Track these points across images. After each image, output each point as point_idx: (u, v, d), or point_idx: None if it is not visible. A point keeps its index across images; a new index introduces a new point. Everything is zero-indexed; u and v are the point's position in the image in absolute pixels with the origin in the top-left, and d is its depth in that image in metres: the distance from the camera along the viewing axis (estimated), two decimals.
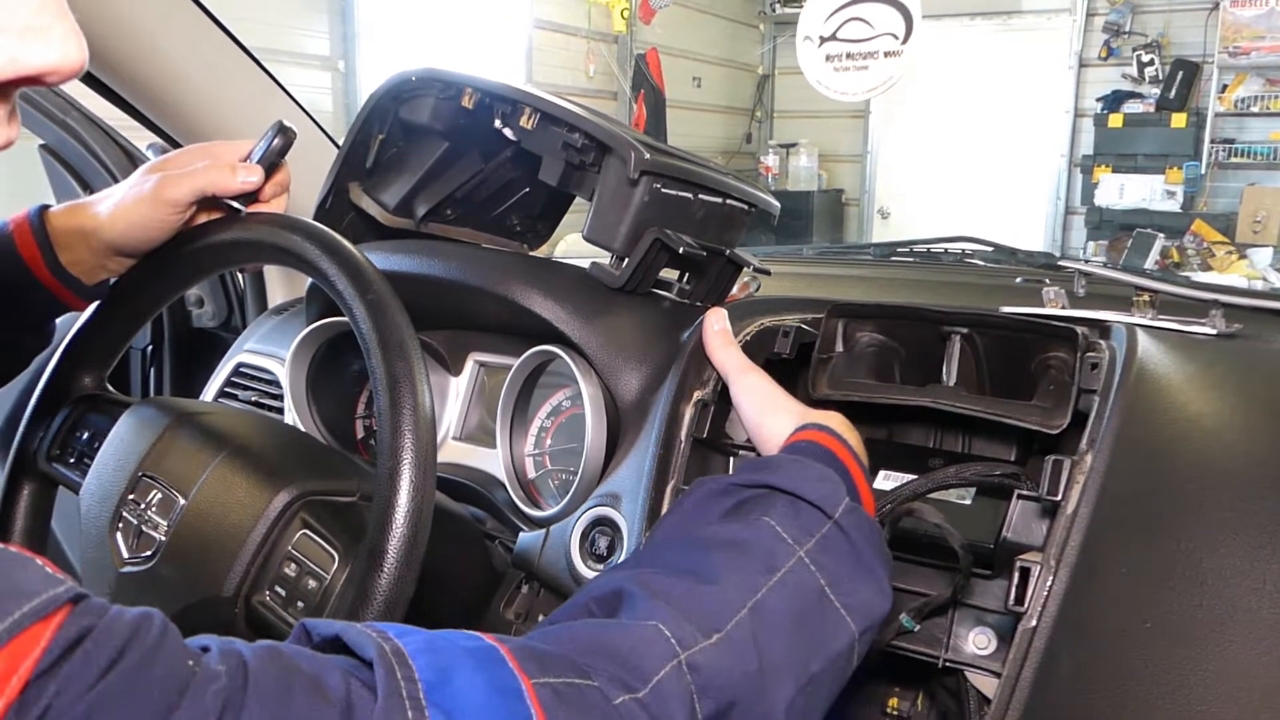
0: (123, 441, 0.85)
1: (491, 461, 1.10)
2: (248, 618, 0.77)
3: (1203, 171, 7.50)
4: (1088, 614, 0.76)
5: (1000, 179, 8.15)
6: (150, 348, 1.62)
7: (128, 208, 0.85)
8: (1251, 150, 7.40)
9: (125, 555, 0.80)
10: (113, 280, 0.89)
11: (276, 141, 0.86)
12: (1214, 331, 1.05)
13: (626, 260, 1.06)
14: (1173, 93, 7.52)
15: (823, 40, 1.85)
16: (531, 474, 1.10)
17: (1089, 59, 7.99)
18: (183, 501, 0.79)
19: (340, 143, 1.22)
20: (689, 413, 0.95)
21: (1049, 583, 0.77)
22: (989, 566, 0.85)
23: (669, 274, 1.15)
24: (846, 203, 9.08)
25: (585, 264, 1.11)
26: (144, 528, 0.80)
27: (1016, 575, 0.78)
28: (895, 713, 0.97)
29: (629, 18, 7.44)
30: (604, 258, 1.09)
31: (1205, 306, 1.08)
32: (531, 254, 1.38)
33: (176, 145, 1.47)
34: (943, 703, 0.93)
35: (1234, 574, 0.75)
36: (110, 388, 0.92)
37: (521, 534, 1.00)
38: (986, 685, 0.83)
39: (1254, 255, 6.89)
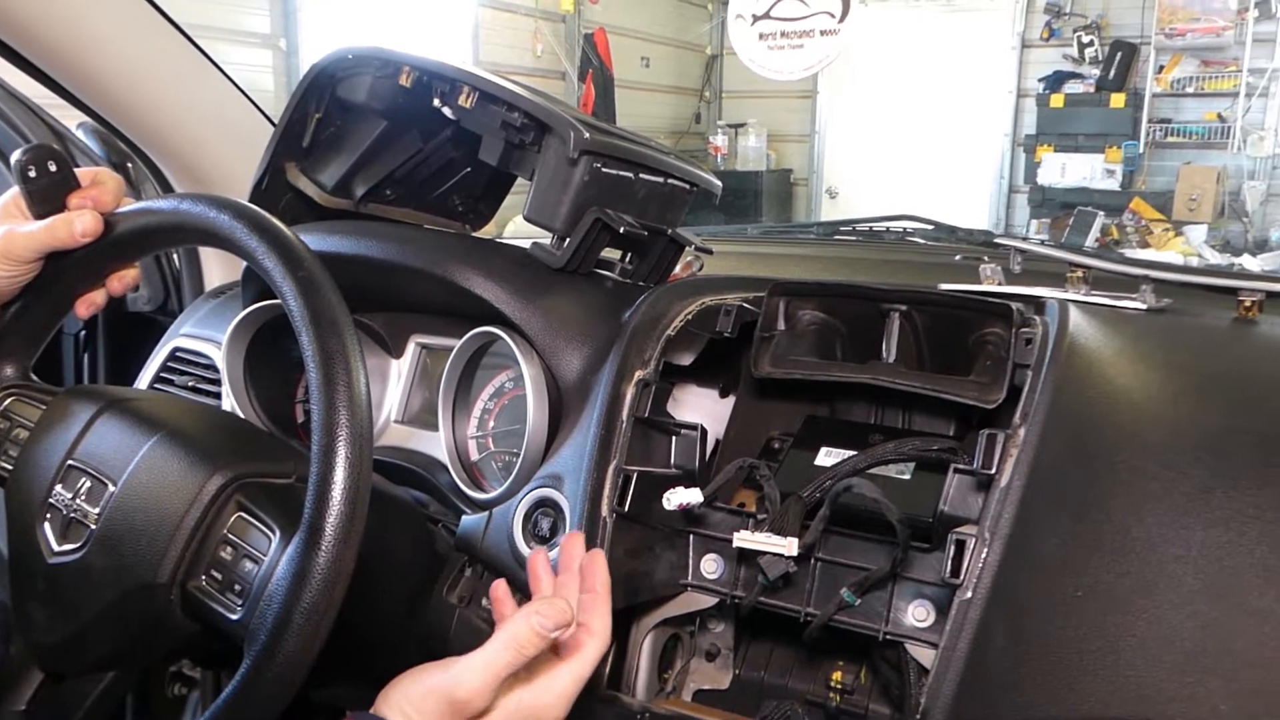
0: (49, 430, 0.83)
1: (434, 444, 1.09)
2: (183, 603, 0.76)
3: (1141, 151, 7.66)
4: (1021, 584, 0.78)
5: (946, 158, 8.24)
6: (83, 333, 1.58)
7: None
8: (1187, 130, 7.57)
9: (55, 546, 0.78)
10: None
11: (53, 169, 0.83)
12: (1144, 306, 1.08)
13: (568, 240, 1.05)
14: (1112, 73, 7.66)
15: (755, 18, 1.85)
16: (474, 456, 1.09)
17: (1031, 40, 8.11)
18: (113, 489, 0.77)
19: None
20: (631, 392, 0.95)
21: (984, 555, 0.79)
22: (928, 540, 0.86)
23: (611, 254, 1.15)
24: (795, 182, 9.13)
25: (528, 244, 1.10)
26: (73, 517, 0.78)
27: (952, 548, 0.80)
28: (839, 686, 0.99)
29: None
30: (547, 238, 1.08)
31: (1136, 282, 1.11)
32: (474, 234, 1.37)
33: (107, 125, 1.44)
34: (884, 675, 0.95)
35: (1160, 541, 0.77)
36: (35, 377, 0.90)
37: (464, 517, 0.99)
38: (925, 656, 0.84)
39: (1190, 232, 7.07)
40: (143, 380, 1.32)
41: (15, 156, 0.83)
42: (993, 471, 0.81)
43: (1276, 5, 7.13)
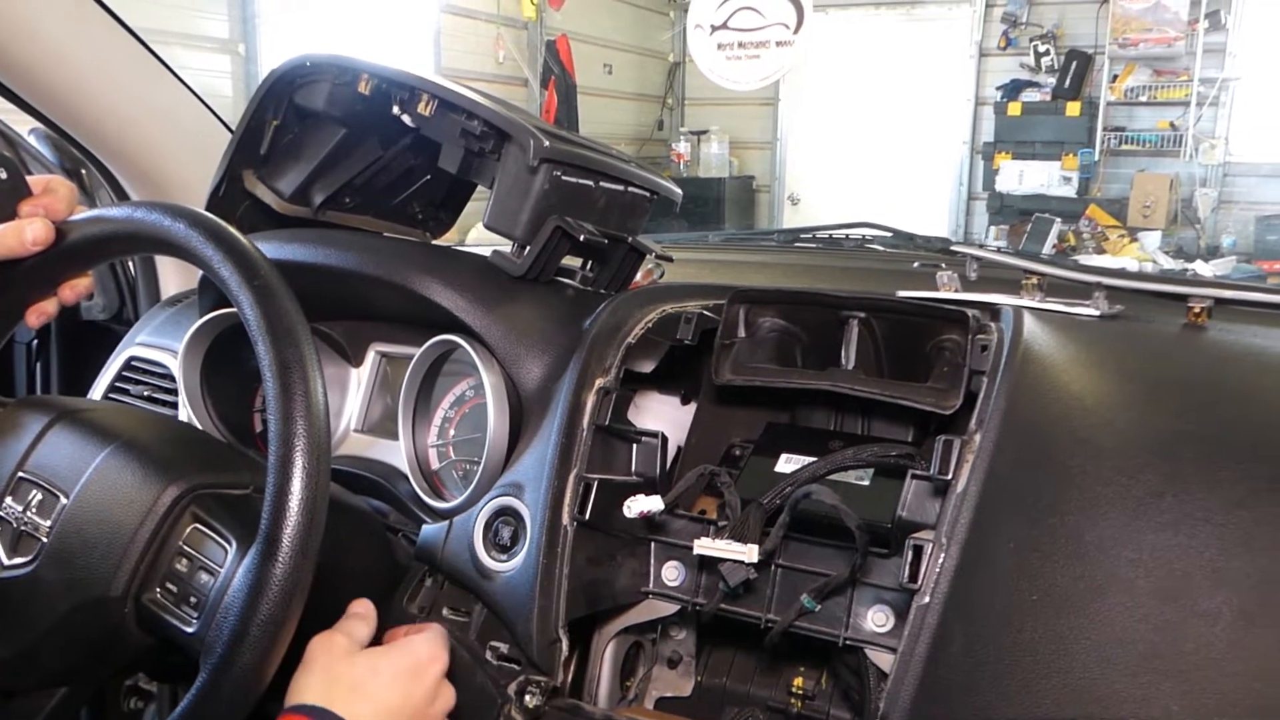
0: None
1: (394, 453, 1.08)
2: (138, 617, 0.75)
3: (1096, 158, 7.79)
4: (977, 589, 0.79)
5: (906, 165, 8.34)
6: (35, 342, 1.55)
7: None
8: (1141, 138, 7.72)
9: (4, 560, 0.77)
10: None
11: (3, 175, 0.82)
12: (1097, 313, 1.09)
13: (528, 248, 1.05)
14: (1067, 82, 7.78)
15: (714, 29, 1.87)
16: (435, 465, 1.08)
17: (989, 49, 8.22)
18: (65, 501, 0.76)
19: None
20: (591, 400, 0.95)
21: (941, 560, 0.79)
22: (887, 545, 0.87)
23: (572, 261, 1.15)
24: (757, 189, 9.18)
25: (489, 252, 1.10)
26: (24, 530, 0.77)
27: (910, 553, 0.80)
28: (800, 692, 1.00)
29: (538, 4, 7.37)
30: (507, 246, 1.08)
31: (1089, 288, 1.12)
32: (434, 242, 1.36)
33: (59, 131, 1.41)
34: (845, 680, 0.95)
35: (1113, 545, 0.78)
36: None
37: (424, 526, 0.98)
38: (885, 661, 0.85)
39: (1144, 238, 7.21)
40: (97, 390, 1.30)
41: None
42: (949, 477, 0.82)
43: (1226, 16, 7.29)
